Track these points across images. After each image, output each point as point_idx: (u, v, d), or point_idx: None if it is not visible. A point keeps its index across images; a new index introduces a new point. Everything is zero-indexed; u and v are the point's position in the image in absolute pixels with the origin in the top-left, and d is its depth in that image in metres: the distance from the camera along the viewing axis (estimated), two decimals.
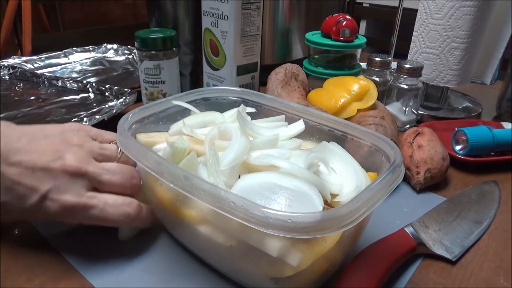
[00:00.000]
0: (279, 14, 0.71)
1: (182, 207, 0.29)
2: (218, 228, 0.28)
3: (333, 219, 0.22)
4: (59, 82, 0.66)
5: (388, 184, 0.27)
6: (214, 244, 0.28)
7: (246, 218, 0.23)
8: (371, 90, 0.48)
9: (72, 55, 0.82)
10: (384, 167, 0.30)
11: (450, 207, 0.40)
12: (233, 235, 0.27)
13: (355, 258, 0.31)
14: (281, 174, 0.28)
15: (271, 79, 0.55)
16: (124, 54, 0.85)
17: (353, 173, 0.31)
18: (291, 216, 0.22)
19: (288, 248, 0.25)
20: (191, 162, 0.30)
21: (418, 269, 0.33)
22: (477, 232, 0.37)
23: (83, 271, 0.31)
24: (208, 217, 0.28)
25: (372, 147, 0.33)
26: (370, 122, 0.44)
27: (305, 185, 0.27)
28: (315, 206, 0.26)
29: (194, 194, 0.25)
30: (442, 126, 0.55)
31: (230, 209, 0.23)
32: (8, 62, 0.74)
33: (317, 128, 0.37)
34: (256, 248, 0.25)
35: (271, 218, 0.22)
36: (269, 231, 0.22)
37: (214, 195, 0.24)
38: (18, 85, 0.67)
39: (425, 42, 0.61)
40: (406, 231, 0.34)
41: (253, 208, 0.22)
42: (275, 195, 0.26)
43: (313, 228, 0.22)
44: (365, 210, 0.24)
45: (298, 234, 0.22)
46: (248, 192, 0.27)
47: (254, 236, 0.25)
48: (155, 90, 0.56)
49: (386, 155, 0.31)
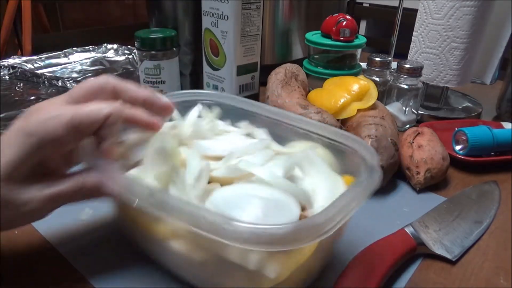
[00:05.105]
0: (279, 14, 0.71)
1: (153, 222, 0.28)
2: (191, 242, 0.26)
3: (308, 229, 0.22)
4: (59, 82, 0.66)
5: (366, 190, 0.26)
6: (188, 260, 0.27)
7: (219, 234, 0.21)
8: (371, 90, 0.48)
9: (72, 55, 0.82)
10: (361, 170, 0.29)
11: (450, 207, 0.40)
12: (207, 249, 0.26)
13: (355, 258, 0.31)
14: (257, 183, 0.27)
15: (271, 79, 0.55)
16: (124, 54, 0.85)
17: (327, 179, 0.30)
18: (266, 229, 0.21)
19: (266, 260, 0.24)
20: (166, 175, 0.28)
21: (418, 269, 0.33)
22: (477, 232, 0.37)
23: (83, 271, 0.31)
24: (180, 232, 0.27)
25: (348, 149, 0.32)
26: (370, 122, 0.44)
27: (281, 194, 0.26)
28: (292, 215, 0.25)
29: (162, 212, 0.24)
30: (442, 126, 0.55)
31: (202, 225, 0.22)
32: (8, 62, 0.73)
33: (293, 130, 0.35)
34: (232, 262, 0.24)
35: (245, 233, 0.21)
36: (244, 246, 0.21)
37: (183, 211, 0.23)
38: (18, 85, 0.67)
39: (425, 42, 0.61)
40: (406, 231, 0.34)
41: (225, 223, 0.21)
42: (252, 206, 0.26)
43: (289, 240, 0.21)
44: (341, 218, 0.23)
45: (274, 246, 0.21)
46: (223, 204, 0.26)
47: (229, 249, 0.24)
48: (155, 90, 0.56)
49: (363, 158, 0.30)
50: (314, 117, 0.46)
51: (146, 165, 0.29)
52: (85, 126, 0.27)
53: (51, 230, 0.35)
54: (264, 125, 0.37)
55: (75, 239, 0.34)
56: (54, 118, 0.26)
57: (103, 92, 0.29)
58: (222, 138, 0.35)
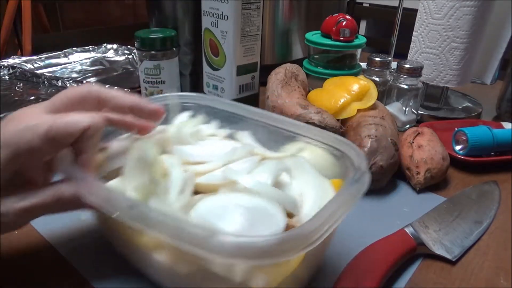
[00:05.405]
0: (279, 14, 0.71)
1: (135, 233, 0.27)
2: (175, 254, 0.26)
3: (294, 240, 0.21)
4: (59, 82, 0.66)
5: (354, 196, 0.25)
6: (172, 272, 0.26)
7: (202, 247, 0.21)
8: (371, 90, 0.48)
9: (72, 55, 0.82)
10: (349, 173, 0.28)
11: (450, 207, 0.40)
12: (191, 261, 0.25)
13: (355, 258, 0.31)
14: (243, 191, 0.27)
15: (271, 79, 0.55)
16: (124, 54, 0.85)
17: (316, 184, 0.29)
18: (250, 242, 0.20)
19: (252, 272, 0.23)
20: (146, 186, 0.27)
21: (418, 269, 0.33)
22: (477, 232, 0.37)
23: (83, 271, 0.31)
24: (163, 244, 0.26)
25: (336, 151, 0.31)
26: (370, 122, 0.44)
27: (267, 203, 0.26)
28: (278, 225, 0.24)
29: (143, 225, 0.23)
30: (442, 126, 0.55)
31: (184, 238, 0.21)
32: (8, 62, 0.73)
33: (279, 132, 0.35)
34: (217, 274, 0.23)
35: (229, 246, 0.20)
36: (228, 260, 0.20)
37: (164, 224, 0.22)
38: (18, 85, 0.67)
39: (425, 42, 0.61)
40: (406, 231, 0.34)
41: (208, 236, 0.20)
42: (237, 216, 0.25)
43: (274, 252, 0.20)
44: (329, 226, 0.22)
45: (260, 260, 0.20)
46: (208, 215, 0.25)
47: (214, 262, 0.23)
48: (155, 90, 0.56)
49: (351, 160, 0.29)
50: (314, 117, 0.46)
51: (126, 176, 0.28)
52: (62, 138, 0.26)
53: (51, 230, 0.35)
54: (252, 128, 0.36)
55: (75, 239, 0.34)
56: (30, 129, 0.25)
57: (86, 102, 0.29)
58: (205, 143, 0.35)
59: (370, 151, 0.41)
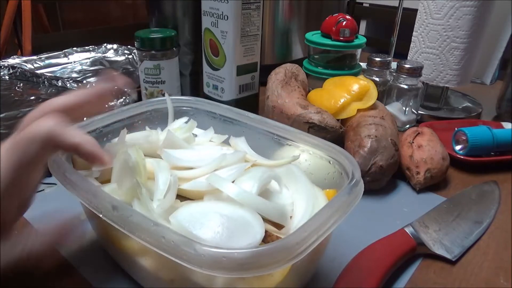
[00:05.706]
0: (279, 14, 0.71)
1: (121, 237, 0.27)
2: (158, 260, 0.25)
3: (276, 253, 0.20)
4: (59, 82, 0.66)
5: (345, 206, 0.24)
6: (156, 278, 0.26)
7: (178, 255, 0.20)
8: (371, 90, 0.48)
9: (72, 55, 0.82)
10: (343, 182, 0.28)
11: (450, 207, 0.40)
12: (173, 269, 0.24)
13: (355, 258, 0.31)
14: (227, 200, 0.26)
15: (271, 79, 0.55)
16: (124, 54, 0.85)
17: (307, 193, 0.29)
18: (227, 253, 0.19)
19: (234, 283, 0.22)
20: (131, 189, 0.27)
21: (418, 269, 0.33)
22: (477, 232, 0.37)
23: (83, 271, 0.31)
24: (147, 249, 0.24)
25: (329, 160, 0.31)
26: (370, 122, 0.44)
27: (248, 213, 0.25)
28: (254, 237, 0.23)
29: (123, 227, 0.22)
30: (442, 126, 0.55)
31: (161, 244, 0.20)
32: (8, 62, 0.73)
33: (274, 139, 0.35)
34: (199, 284, 0.23)
35: (204, 256, 0.19)
36: (204, 270, 0.19)
37: (143, 228, 0.21)
38: (18, 85, 0.67)
39: (425, 42, 0.61)
40: (406, 231, 0.34)
41: (185, 244, 0.20)
42: (216, 225, 0.24)
43: (253, 265, 0.19)
44: (318, 237, 0.21)
45: (237, 273, 0.19)
46: (187, 221, 0.25)
47: (195, 271, 0.22)
48: (155, 90, 0.56)
49: (344, 169, 0.29)
50: (314, 117, 0.46)
51: (113, 179, 0.28)
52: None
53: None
54: (248, 134, 0.36)
55: (75, 239, 0.34)
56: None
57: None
58: (196, 148, 0.34)
59: (370, 151, 0.41)
